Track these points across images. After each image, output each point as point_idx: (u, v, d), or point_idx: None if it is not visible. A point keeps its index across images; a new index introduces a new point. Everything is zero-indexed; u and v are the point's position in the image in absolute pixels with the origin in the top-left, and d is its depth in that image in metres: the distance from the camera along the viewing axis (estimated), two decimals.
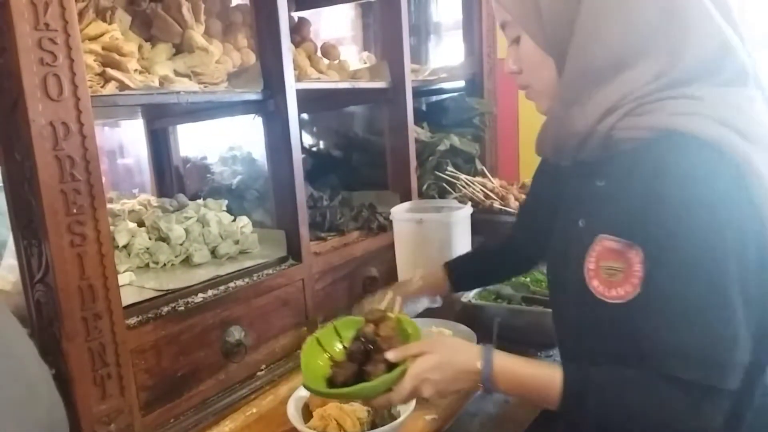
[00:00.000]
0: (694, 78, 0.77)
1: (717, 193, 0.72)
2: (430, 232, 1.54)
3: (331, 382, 0.93)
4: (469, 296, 1.53)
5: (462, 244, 1.58)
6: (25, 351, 0.58)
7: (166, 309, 1.14)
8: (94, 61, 1.10)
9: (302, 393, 1.10)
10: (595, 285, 0.83)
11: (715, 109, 0.75)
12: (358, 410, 1.06)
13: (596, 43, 0.79)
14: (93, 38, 1.16)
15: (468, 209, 1.60)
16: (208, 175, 1.90)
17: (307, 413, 1.08)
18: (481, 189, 1.88)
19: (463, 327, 1.33)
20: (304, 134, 2.16)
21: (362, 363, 0.93)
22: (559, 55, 0.84)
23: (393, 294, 1.18)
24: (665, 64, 0.77)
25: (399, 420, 1.02)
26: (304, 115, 2.14)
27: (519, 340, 1.40)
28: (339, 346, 1.02)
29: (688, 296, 0.73)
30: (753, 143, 0.73)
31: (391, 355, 0.90)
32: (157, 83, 1.17)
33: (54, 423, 0.58)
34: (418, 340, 0.96)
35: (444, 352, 0.89)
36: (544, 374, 0.83)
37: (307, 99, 1.71)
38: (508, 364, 0.86)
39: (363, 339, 0.95)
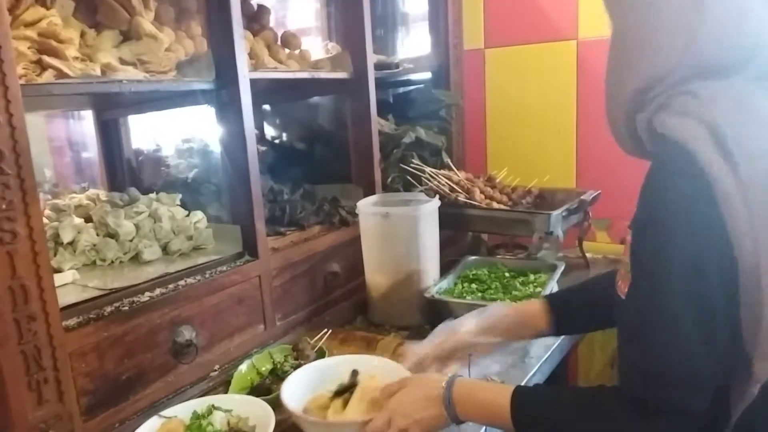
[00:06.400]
0: (717, 69, 0.71)
1: (683, 211, 0.68)
2: (397, 226, 1.50)
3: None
4: (432, 291, 1.50)
5: (430, 238, 1.55)
6: None
7: (109, 309, 1.09)
8: (29, 48, 1.03)
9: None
10: (618, 281, 0.80)
11: (710, 112, 0.68)
12: None
13: (617, 21, 0.78)
14: (29, 24, 1.09)
15: (435, 202, 1.57)
16: (163, 168, 1.83)
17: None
18: (446, 182, 1.85)
19: None
20: (266, 126, 2.10)
21: None
22: None
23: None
24: (683, 48, 0.71)
25: None
26: (266, 107, 2.08)
27: None
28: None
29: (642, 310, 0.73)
30: (736, 157, 0.66)
31: (377, 393, 0.95)
32: (98, 71, 1.11)
33: None
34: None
35: (414, 382, 0.93)
36: (498, 399, 0.82)
37: (267, 90, 1.66)
38: (466, 389, 0.86)
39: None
